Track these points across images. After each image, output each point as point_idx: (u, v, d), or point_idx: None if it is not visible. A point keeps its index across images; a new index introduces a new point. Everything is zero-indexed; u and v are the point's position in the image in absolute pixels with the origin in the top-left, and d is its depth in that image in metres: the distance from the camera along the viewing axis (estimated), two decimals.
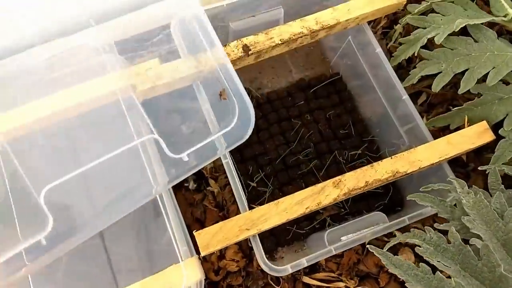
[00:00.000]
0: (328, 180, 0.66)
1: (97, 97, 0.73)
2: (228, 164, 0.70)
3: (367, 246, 0.59)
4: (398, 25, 0.88)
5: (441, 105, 0.89)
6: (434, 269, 0.54)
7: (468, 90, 0.71)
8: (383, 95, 0.83)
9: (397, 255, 0.80)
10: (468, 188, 0.59)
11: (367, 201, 0.82)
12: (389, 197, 0.82)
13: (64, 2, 0.81)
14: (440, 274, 0.51)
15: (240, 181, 0.82)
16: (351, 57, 0.90)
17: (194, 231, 0.63)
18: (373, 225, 0.72)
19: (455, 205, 0.60)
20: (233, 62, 0.73)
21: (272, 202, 0.64)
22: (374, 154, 0.86)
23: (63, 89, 0.75)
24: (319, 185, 0.66)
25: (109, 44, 0.79)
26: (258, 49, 0.73)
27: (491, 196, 0.59)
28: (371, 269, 0.81)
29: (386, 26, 0.97)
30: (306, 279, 0.80)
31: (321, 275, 0.81)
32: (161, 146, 0.61)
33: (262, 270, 0.81)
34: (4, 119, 0.72)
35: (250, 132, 0.64)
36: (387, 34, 0.97)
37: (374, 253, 0.56)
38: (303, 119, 0.89)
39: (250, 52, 0.73)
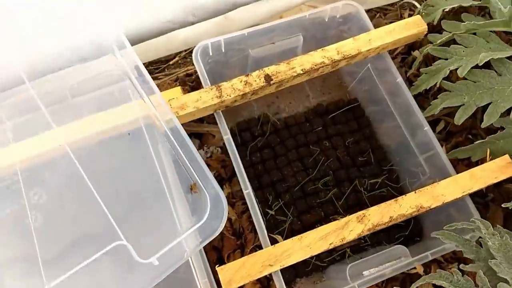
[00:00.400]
0: (352, 215, 0.66)
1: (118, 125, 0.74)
2: (249, 195, 0.70)
3: None
4: (418, 53, 0.88)
5: (460, 134, 0.88)
6: None
7: None
8: (403, 122, 0.83)
9: None
10: (491, 226, 0.58)
11: (388, 232, 0.81)
12: (409, 229, 0.81)
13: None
14: None
15: (259, 209, 0.82)
16: (369, 83, 0.90)
17: (217, 266, 0.63)
18: (395, 258, 0.71)
19: (480, 244, 0.60)
20: (255, 91, 0.73)
21: (295, 237, 0.64)
22: (395, 184, 0.85)
23: (83, 117, 0.76)
24: (343, 220, 0.65)
25: (132, 69, 0.79)
26: (280, 78, 0.73)
27: None
28: None
29: (404, 52, 0.97)
30: None
31: None
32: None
33: None
34: (24, 146, 0.72)
35: (223, 225, 0.60)
36: (405, 59, 0.97)
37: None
38: (321, 146, 0.89)
39: (272, 82, 0.73)
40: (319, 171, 0.86)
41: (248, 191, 0.70)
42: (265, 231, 0.66)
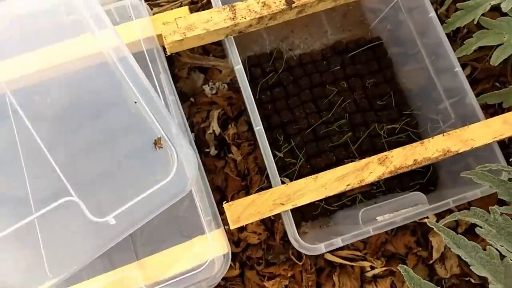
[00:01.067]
0: (373, 156, 0.60)
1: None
2: (260, 131, 0.64)
3: (427, 221, 0.53)
4: None
5: (487, 81, 0.82)
6: None
7: None
8: (431, 64, 0.75)
9: (428, 237, 0.77)
10: None
11: (401, 179, 0.77)
12: (427, 178, 0.76)
13: None
14: (510, 260, 0.46)
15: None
16: (393, 22, 0.82)
17: (224, 202, 0.58)
18: (411, 205, 0.67)
19: None
20: (273, 15, 0.65)
21: (310, 177, 0.59)
22: (415, 129, 0.79)
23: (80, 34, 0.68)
24: (363, 161, 0.60)
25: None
26: (303, 1, 0.65)
27: None
28: (400, 250, 0.77)
29: None
30: (329, 256, 0.76)
31: (345, 252, 0.77)
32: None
33: (283, 244, 0.77)
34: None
35: (190, 185, 0.54)
36: None
37: (435, 230, 0.51)
38: (337, 86, 0.82)
39: (293, 5, 0.65)
40: (333, 114, 0.80)
41: (259, 127, 0.64)
42: (276, 169, 0.61)
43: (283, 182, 0.73)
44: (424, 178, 0.77)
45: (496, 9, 0.69)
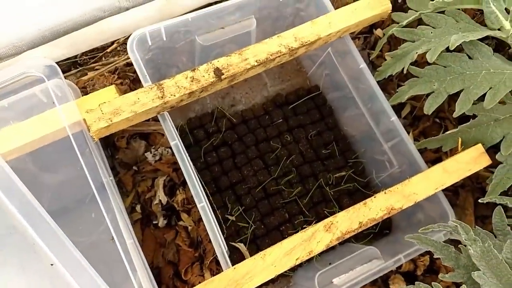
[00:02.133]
0: (319, 224, 0.59)
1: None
2: (204, 209, 0.61)
3: None
4: (381, 32, 0.81)
5: (428, 118, 0.83)
6: None
7: (455, 102, 0.65)
8: (367, 110, 0.76)
9: (389, 283, 0.77)
10: (471, 228, 0.53)
11: None
12: (379, 224, 0.76)
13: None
14: None
15: (217, 217, 0.74)
16: (330, 67, 0.83)
17: None
18: (365, 261, 0.66)
19: (458, 246, 0.55)
20: (204, 88, 0.64)
21: (258, 255, 0.57)
22: (361, 177, 0.79)
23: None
24: (309, 230, 0.59)
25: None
26: (232, 72, 0.64)
27: (495, 236, 0.54)
28: None
29: (366, 31, 0.90)
30: None
31: None
32: None
33: None
34: None
35: None
36: (367, 39, 0.90)
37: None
38: (282, 140, 0.81)
39: (223, 77, 0.63)
40: (281, 168, 0.79)
41: (202, 204, 0.61)
42: (225, 251, 0.59)
43: (236, 249, 0.71)
44: (377, 225, 0.77)
45: None
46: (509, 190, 0.63)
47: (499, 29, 0.66)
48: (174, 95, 0.61)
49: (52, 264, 0.57)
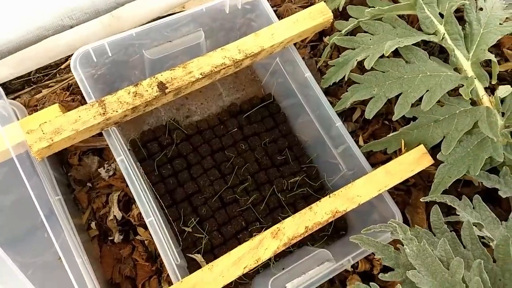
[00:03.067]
0: (266, 231, 0.60)
1: None
2: (153, 223, 0.61)
3: None
4: (327, 44, 0.83)
5: (377, 120, 0.86)
6: None
7: None
8: (315, 117, 0.78)
9: (346, 283, 0.79)
10: (410, 225, 0.55)
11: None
12: (332, 226, 0.78)
13: None
14: None
15: (173, 229, 0.75)
16: (281, 76, 0.84)
17: None
18: (318, 264, 0.67)
19: (399, 248, 0.57)
20: (148, 103, 0.64)
21: (205, 266, 0.57)
22: (314, 181, 0.81)
23: None
24: (257, 238, 0.59)
25: None
26: (176, 86, 0.65)
27: (434, 235, 0.56)
28: None
29: (315, 39, 0.92)
30: None
31: None
32: None
33: None
34: None
35: None
36: (316, 47, 0.92)
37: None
38: (238, 148, 0.82)
39: (167, 91, 0.64)
40: (237, 176, 0.80)
41: (150, 219, 0.62)
42: (174, 264, 0.59)
43: (193, 260, 0.72)
44: (331, 226, 0.78)
45: None
46: (459, 186, 0.65)
47: (434, 33, 0.68)
48: (117, 111, 0.61)
49: None
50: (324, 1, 0.76)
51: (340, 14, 0.85)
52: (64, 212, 0.65)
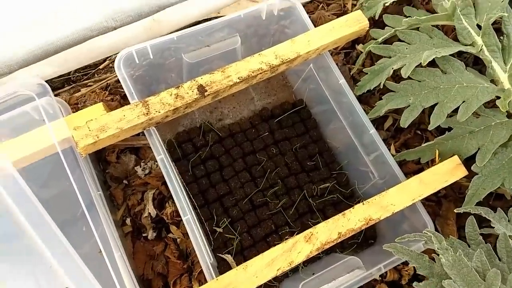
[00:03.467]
0: (300, 235, 0.61)
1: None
2: (189, 221, 0.63)
3: None
4: (362, 47, 0.84)
5: (409, 130, 0.86)
6: None
7: None
8: (348, 124, 0.79)
9: None
10: (444, 237, 0.55)
11: None
12: (362, 234, 0.78)
13: None
14: None
15: (205, 229, 0.77)
16: (313, 82, 0.85)
17: None
18: (348, 271, 0.68)
19: (434, 257, 0.57)
20: (188, 105, 0.66)
21: (239, 267, 0.59)
22: (345, 188, 0.81)
23: None
24: (290, 241, 0.61)
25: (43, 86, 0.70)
26: (215, 89, 0.67)
27: (468, 246, 0.56)
28: None
29: (347, 46, 0.93)
30: None
31: None
32: None
33: None
34: None
35: None
36: (349, 54, 0.93)
37: None
38: (268, 152, 0.84)
39: (206, 93, 0.66)
40: (267, 180, 0.81)
41: (187, 217, 0.63)
42: (209, 263, 0.61)
43: (223, 260, 0.73)
44: (361, 234, 0.79)
45: None
46: (491, 199, 0.65)
47: (471, 45, 0.68)
48: (159, 112, 0.63)
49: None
50: (360, 9, 0.77)
51: (374, 23, 0.86)
52: (103, 206, 0.67)
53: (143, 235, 0.79)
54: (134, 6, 0.71)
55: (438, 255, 0.54)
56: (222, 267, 0.73)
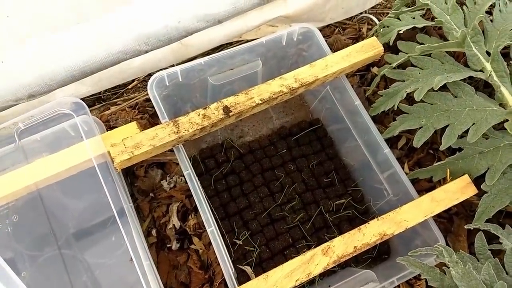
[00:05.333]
0: (317, 248, 0.65)
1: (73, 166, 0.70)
2: (213, 233, 0.68)
3: None
4: (377, 69, 0.89)
5: (422, 150, 0.89)
6: None
7: None
8: (363, 142, 0.83)
9: None
10: (455, 250, 0.58)
11: None
12: (377, 249, 0.81)
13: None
14: None
15: (226, 241, 0.81)
16: (330, 102, 0.90)
17: None
18: (362, 284, 0.71)
19: (445, 270, 0.60)
20: (214, 124, 0.71)
21: (260, 277, 0.63)
22: (360, 204, 0.85)
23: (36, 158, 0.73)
24: (308, 254, 0.65)
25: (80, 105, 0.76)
26: (239, 110, 0.72)
27: (478, 260, 0.60)
28: None
29: (362, 69, 0.97)
30: None
31: None
32: None
33: None
34: None
35: None
36: (364, 76, 0.97)
37: None
38: (286, 169, 0.88)
39: (230, 114, 0.71)
40: (285, 195, 0.85)
41: (211, 229, 0.68)
42: (232, 273, 0.65)
43: (242, 271, 0.77)
44: (375, 249, 0.82)
45: None
46: (501, 217, 0.68)
47: (481, 70, 0.73)
48: (188, 131, 0.69)
49: None
50: (375, 36, 0.82)
51: (388, 48, 0.91)
52: (134, 217, 0.72)
53: (167, 245, 0.83)
54: (165, 31, 0.77)
55: (448, 268, 0.57)
56: (241, 278, 0.77)
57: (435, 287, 0.58)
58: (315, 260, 0.64)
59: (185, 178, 0.87)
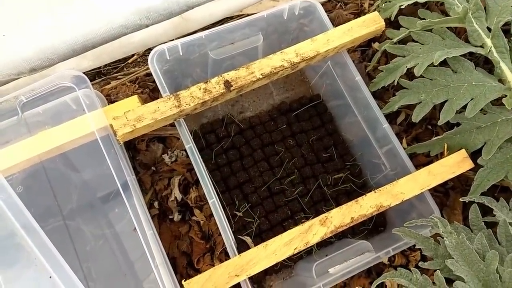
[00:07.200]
0: (315, 218, 0.67)
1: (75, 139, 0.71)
2: (215, 205, 0.70)
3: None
4: (378, 45, 0.89)
5: (420, 125, 0.90)
6: None
7: None
8: (362, 118, 0.84)
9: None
10: (449, 221, 0.60)
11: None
12: (373, 221, 0.84)
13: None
14: None
15: (226, 212, 0.83)
16: (331, 78, 0.90)
17: (183, 280, 0.63)
18: (359, 254, 0.73)
19: (439, 241, 0.62)
20: (215, 98, 0.72)
21: (260, 245, 0.65)
22: (358, 178, 0.87)
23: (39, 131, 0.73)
24: (306, 224, 0.66)
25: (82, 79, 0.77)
26: (240, 84, 0.72)
27: (471, 231, 0.61)
28: None
29: (363, 44, 0.97)
30: None
31: None
32: None
33: None
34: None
35: None
36: (365, 52, 0.97)
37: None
38: (286, 144, 0.89)
39: (231, 88, 0.72)
40: (285, 169, 0.87)
41: (212, 200, 0.70)
42: (232, 242, 0.67)
43: (242, 241, 0.79)
44: (371, 221, 0.84)
45: None
46: (496, 191, 0.70)
47: (481, 46, 0.73)
48: (189, 104, 0.69)
49: (50, 277, 0.65)
50: (377, 11, 0.81)
51: (390, 23, 0.91)
52: (136, 189, 0.74)
53: (169, 217, 0.85)
54: (166, 5, 0.76)
55: (442, 238, 0.59)
56: (241, 248, 0.79)
57: (429, 256, 0.60)
58: (313, 230, 0.66)
59: (186, 152, 0.90)
